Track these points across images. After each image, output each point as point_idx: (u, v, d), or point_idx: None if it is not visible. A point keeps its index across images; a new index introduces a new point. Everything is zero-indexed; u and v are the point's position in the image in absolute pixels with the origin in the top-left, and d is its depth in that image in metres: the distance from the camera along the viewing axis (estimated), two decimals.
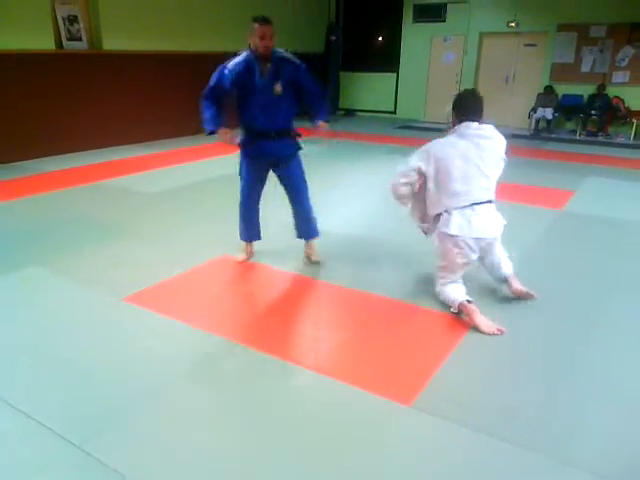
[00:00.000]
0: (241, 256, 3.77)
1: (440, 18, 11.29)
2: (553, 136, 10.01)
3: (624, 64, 9.74)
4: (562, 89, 10.27)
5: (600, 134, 9.87)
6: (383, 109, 12.11)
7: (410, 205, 3.28)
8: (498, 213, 3.09)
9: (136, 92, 8.03)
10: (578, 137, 9.98)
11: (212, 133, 3.36)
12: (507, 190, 5.86)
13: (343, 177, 6.46)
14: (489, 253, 3.14)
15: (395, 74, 12.16)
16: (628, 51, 9.67)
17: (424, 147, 3.07)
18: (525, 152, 8.44)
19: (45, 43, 6.85)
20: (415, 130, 10.58)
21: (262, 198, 3.67)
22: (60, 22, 7.12)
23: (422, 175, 3.04)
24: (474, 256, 3.06)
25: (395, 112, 12.32)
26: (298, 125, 3.53)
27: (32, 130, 6.72)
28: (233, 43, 5.52)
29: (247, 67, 3.28)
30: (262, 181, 3.61)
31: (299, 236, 3.81)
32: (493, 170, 3.03)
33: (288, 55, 3.39)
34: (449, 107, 3.09)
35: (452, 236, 2.98)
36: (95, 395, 2.28)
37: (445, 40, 11.37)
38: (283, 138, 3.45)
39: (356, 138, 9.36)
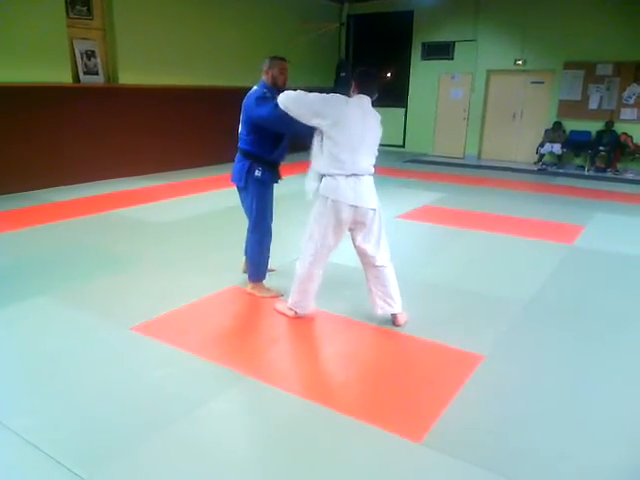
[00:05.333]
0: (276, 293, 3.66)
1: (448, 56, 11.51)
2: (561, 171, 10.04)
3: (631, 102, 9.83)
4: (570, 125, 10.36)
5: (609, 170, 9.90)
6: (392, 143, 12.24)
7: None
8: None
9: (149, 124, 8.18)
10: (586, 172, 10.00)
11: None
12: (518, 224, 5.87)
13: None
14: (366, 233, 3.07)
15: (404, 109, 12.33)
16: (635, 89, 9.77)
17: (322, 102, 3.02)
18: (533, 187, 8.47)
19: (62, 77, 7.06)
20: (424, 164, 10.66)
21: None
22: (78, 57, 7.34)
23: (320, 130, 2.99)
24: (345, 228, 3.04)
25: (404, 146, 12.44)
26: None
27: (45, 160, 6.84)
28: (244, 79, 5.65)
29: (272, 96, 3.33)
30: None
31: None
32: (372, 148, 3.04)
33: None
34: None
35: (334, 201, 2.95)
36: (102, 426, 2.24)
37: (453, 77, 11.56)
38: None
39: None
